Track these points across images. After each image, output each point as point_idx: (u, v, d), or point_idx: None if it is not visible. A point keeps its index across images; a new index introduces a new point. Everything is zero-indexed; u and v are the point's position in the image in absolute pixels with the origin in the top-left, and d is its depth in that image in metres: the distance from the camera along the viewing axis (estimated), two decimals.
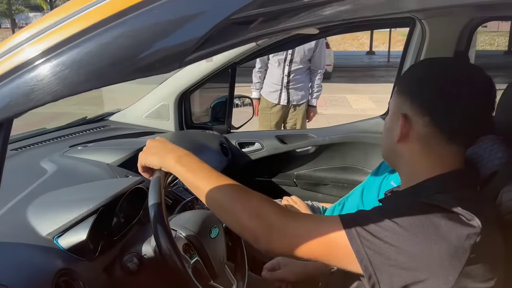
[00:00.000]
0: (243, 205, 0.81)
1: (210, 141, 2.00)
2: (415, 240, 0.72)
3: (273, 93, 3.44)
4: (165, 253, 0.89)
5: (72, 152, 1.48)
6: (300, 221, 0.79)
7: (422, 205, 0.76)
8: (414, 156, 0.86)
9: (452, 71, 0.84)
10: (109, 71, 0.58)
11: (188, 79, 2.00)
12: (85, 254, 0.98)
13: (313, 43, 3.27)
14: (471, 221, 0.73)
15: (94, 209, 1.01)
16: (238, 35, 0.57)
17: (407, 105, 0.84)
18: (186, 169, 0.87)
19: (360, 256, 0.74)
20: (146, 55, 0.56)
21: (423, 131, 0.83)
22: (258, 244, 0.79)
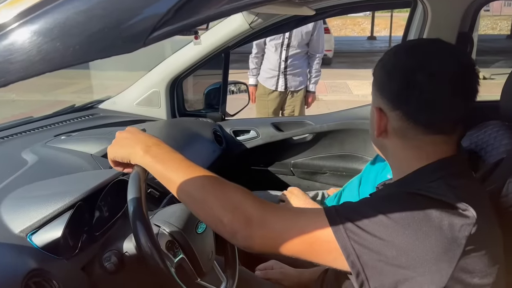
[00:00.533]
0: (217, 198, 0.74)
1: (203, 129, 1.92)
2: (405, 233, 0.66)
3: (270, 79, 3.35)
4: (145, 252, 0.83)
5: (54, 142, 1.41)
6: (281, 214, 0.73)
7: (411, 196, 0.70)
8: (396, 149, 0.80)
9: (419, 57, 0.76)
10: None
11: (179, 65, 1.92)
12: (61, 252, 0.92)
13: (310, 26, 3.17)
14: (465, 211, 0.68)
15: (71, 203, 0.94)
16: (209, 7, 0.49)
17: (380, 98, 0.79)
18: (155, 160, 0.80)
19: (347, 251, 0.68)
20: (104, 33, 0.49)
21: (397, 125, 0.77)
22: (235, 239, 0.73)
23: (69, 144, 1.38)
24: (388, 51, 0.82)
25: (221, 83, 2.16)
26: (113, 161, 0.89)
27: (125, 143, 0.86)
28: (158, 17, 0.49)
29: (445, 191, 0.70)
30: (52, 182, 1.07)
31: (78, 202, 0.95)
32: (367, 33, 21.08)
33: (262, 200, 0.75)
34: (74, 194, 0.95)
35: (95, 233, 1.03)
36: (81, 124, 1.76)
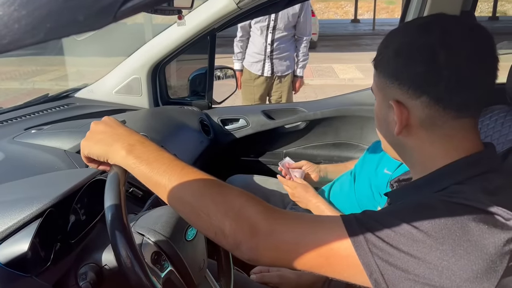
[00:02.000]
0: (217, 204, 0.64)
1: (189, 118, 1.80)
2: (440, 249, 0.56)
3: (256, 63, 3.22)
4: (126, 266, 0.71)
5: (24, 137, 1.26)
6: (291, 223, 0.63)
7: (446, 204, 0.60)
8: (422, 145, 0.69)
9: (438, 32, 0.65)
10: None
11: (162, 49, 1.77)
12: (29, 268, 0.79)
13: (297, 7, 3.04)
14: (509, 220, 0.58)
15: (40, 211, 0.81)
16: None
17: (395, 88, 0.68)
18: (140, 162, 0.69)
19: (370, 268, 0.58)
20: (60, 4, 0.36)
21: (424, 113, 0.66)
22: (239, 251, 0.63)
23: (40, 139, 1.24)
24: (393, 34, 0.71)
25: (207, 69, 2.03)
26: (86, 157, 0.77)
27: (102, 138, 0.74)
28: None
29: (483, 196, 0.60)
30: (19, 185, 0.94)
31: (48, 209, 0.82)
32: (350, 16, 21.02)
33: (269, 206, 0.64)
34: (44, 200, 0.83)
35: (70, 241, 0.91)
36: (55, 116, 1.61)
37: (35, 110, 1.64)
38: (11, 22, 0.37)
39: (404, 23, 0.75)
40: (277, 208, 0.65)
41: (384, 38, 0.72)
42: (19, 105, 1.74)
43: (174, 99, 2.04)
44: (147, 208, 1.01)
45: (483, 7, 20.79)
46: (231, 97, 2.32)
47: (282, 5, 1.74)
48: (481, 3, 21.38)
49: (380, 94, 0.72)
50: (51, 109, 1.69)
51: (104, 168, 0.80)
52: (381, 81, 0.71)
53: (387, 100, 0.70)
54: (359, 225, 0.60)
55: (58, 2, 0.36)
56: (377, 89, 0.73)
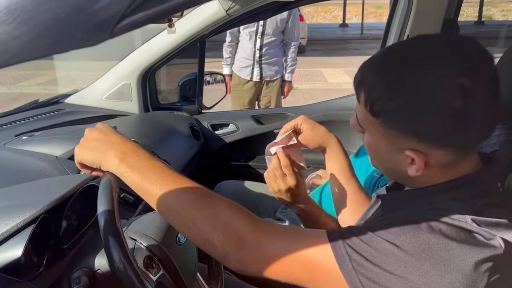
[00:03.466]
0: (205, 215, 0.65)
1: (179, 124, 1.82)
2: (421, 268, 0.57)
3: (245, 68, 3.25)
4: (119, 270, 0.73)
5: (15, 143, 1.27)
6: (278, 236, 0.64)
7: (430, 223, 0.60)
8: (432, 177, 0.67)
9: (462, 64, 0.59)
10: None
11: (152, 55, 1.79)
12: (22, 274, 0.80)
13: (285, 13, 3.08)
14: (491, 240, 0.59)
15: (33, 217, 0.82)
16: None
17: (412, 141, 0.63)
18: (132, 170, 0.70)
19: (354, 285, 0.59)
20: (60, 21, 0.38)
21: (447, 159, 0.64)
22: (227, 262, 0.65)
23: (32, 146, 1.25)
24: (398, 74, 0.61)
25: (196, 74, 2.05)
26: (80, 163, 0.78)
27: (95, 145, 0.75)
28: (129, 1, 0.39)
29: (469, 216, 0.60)
30: (11, 191, 0.95)
31: (42, 215, 0.84)
32: (339, 20, 21.14)
33: (257, 218, 0.66)
34: (37, 206, 0.84)
35: (62, 247, 0.92)
36: (46, 122, 1.62)
37: (25, 116, 1.65)
38: (11, 39, 0.39)
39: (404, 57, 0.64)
40: (264, 221, 0.66)
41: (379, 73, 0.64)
42: (9, 111, 1.74)
43: (165, 105, 2.05)
44: (139, 213, 1.02)
45: (469, 12, 21.06)
46: (222, 102, 2.34)
47: (270, 13, 1.77)
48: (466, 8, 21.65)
49: (382, 139, 0.67)
50: (41, 115, 1.69)
51: (97, 174, 0.81)
52: (387, 132, 0.65)
53: (398, 147, 0.66)
54: (344, 242, 0.61)
55: (57, 19, 0.38)
56: (376, 132, 0.67)
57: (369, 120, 0.67)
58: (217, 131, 2.04)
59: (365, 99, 0.65)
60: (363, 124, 0.70)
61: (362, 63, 0.68)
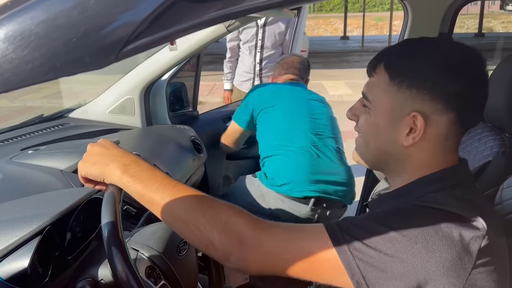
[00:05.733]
0: (206, 217, 0.68)
1: (180, 137, 1.85)
2: (413, 248, 0.61)
3: (245, 82, 3.31)
4: (122, 280, 0.75)
5: (21, 157, 1.30)
6: (277, 233, 0.68)
7: (418, 208, 0.66)
8: (424, 155, 0.73)
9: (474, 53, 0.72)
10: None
11: (153, 70, 1.83)
12: (29, 284, 0.83)
13: (283, 26, 3.17)
14: (474, 222, 0.64)
15: (39, 228, 0.85)
16: (191, 17, 0.42)
17: (426, 101, 0.70)
18: (134, 180, 0.73)
19: (351, 270, 0.63)
20: (69, 47, 0.42)
21: (445, 129, 0.71)
22: (228, 262, 0.68)
23: (37, 159, 1.29)
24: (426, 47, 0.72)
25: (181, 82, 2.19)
26: (84, 177, 0.81)
27: (98, 159, 0.78)
28: (132, 28, 0.42)
29: (453, 202, 0.66)
30: (18, 204, 0.98)
31: (47, 226, 0.87)
32: (340, 32, 21.29)
33: (256, 218, 0.69)
34: (43, 218, 0.87)
35: (67, 257, 0.95)
36: (51, 136, 1.65)
37: (30, 131, 1.68)
38: (23, 63, 0.43)
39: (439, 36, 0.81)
40: (263, 220, 0.70)
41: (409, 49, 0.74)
42: (15, 125, 1.78)
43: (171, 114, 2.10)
44: (141, 225, 1.05)
45: (469, 24, 21.20)
46: None
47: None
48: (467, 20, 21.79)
49: (390, 103, 0.73)
50: (46, 129, 1.73)
51: (100, 188, 0.84)
52: (402, 91, 0.71)
53: (404, 110, 0.71)
54: (340, 231, 0.65)
55: (66, 45, 0.42)
56: (386, 98, 0.74)
57: (381, 88, 0.74)
58: (227, 123, 2.19)
59: (384, 65, 0.74)
60: (381, 105, 0.75)
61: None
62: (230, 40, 3.23)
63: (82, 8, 0.42)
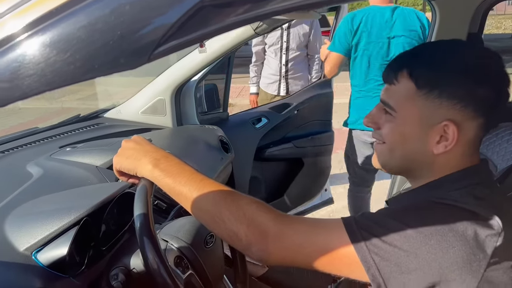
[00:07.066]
0: (231, 211, 0.72)
1: (209, 137, 1.90)
2: (428, 244, 0.63)
3: (272, 84, 3.36)
4: (152, 268, 0.80)
5: (60, 154, 1.38)
6: (297, 227, 0.71)
7: (435, 205, 0.67)
8: (450, 160, 0.74)
9: (496, 55, 0.73)
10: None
11: (184, 72, 1.89)
12: (67, 270, 0.89)
13: (307, 27, 3.21)
14: (489, 220, 0.65)
15: (77, 219, 0.91)
16: (218, 20, 0.46)
17: (457, 109, 0.70)
18: (164, 174, 0.77)
19: (367, 264, 0.65)
20: (106, 49, 0.46)
21: (474, 134, 0.72)
22: (250, 252, 0.71)
23: (74, 156, 1.36)
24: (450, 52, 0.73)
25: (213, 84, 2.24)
26: (118, 171, 0.87)
27: (131, 154, 0.83)
28: (163, 31, 0.46)
29: (469, 200, 0.67)
30: (58, 196, 1.05)
31: (84, 217, 0.93)
32: None
33: (278, 212, 0.72)
34: (80, 209, 0.93)
35: (101, 248, 1.01)
36: (87, 134, 1.74)
37: (68, 130, 1.77)
38: (66, 65, 0.48)
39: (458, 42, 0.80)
40: (284, 214, 0.73)
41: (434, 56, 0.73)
42: (53, 125, 1.88)
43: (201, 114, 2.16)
44: (171, 218, 1.10)
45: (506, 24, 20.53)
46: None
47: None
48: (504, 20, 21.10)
49: (417, 112, 0.72)
50: (82, 128, 1.81)
51: (133, 181, 0.89)
52: (431, 100, 0.71)
53: (435, 119, 0.71)
54: (358, 226, 0.67)
55: (104, 47, 0.47)
56: (413, 107, 0.73)
57: (407, 97, 0.73)
58: (256, 125, 2.28)
59: (409, 73, 0.72)
60: (396, 106, 0.75)
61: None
62: (256, 44, 3.29)
63: (119, 13, 0.46)
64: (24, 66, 0.45)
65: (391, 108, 0.76)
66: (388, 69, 0.77)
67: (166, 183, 0.78)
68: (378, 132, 0.79)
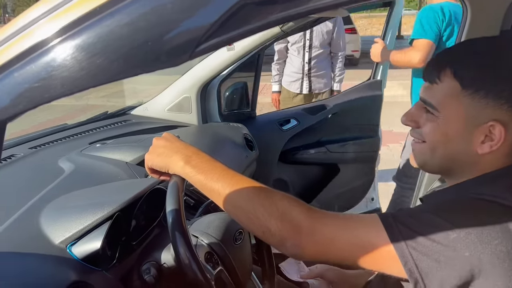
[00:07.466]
0: (264, 206, 0.72)
1: (234, 134, 1.91)
2: (468, 238, 0.62)
3: (294, 82, 3.34)
4: (184, 263, 0.81)
5: (90, 150, 1.41)
6: (331, 222, 0.70)
7: (474, 201, 0.67)
8: (494, 160, 0.73)
9: None
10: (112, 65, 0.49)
11: (210, 70, 1.90)
12: (100, 264, 0.91)
13: (330, 25, 3.18)
14: None
15: (110, 214, 0.93)
16: (258, 18, 0.47)
17: (504, 109, 0.69)
18: (196, 171, 0.78)
19: (404, 258, 0.64)
20: (148, 46, 0.47)
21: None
22: (284, 248, 0.71)
23: (104, 152, 1.39)
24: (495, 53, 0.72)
25: (244, 83, 2.22)
26: (150, 168, 0.88)
27: (163, 151, 0.84)
28: (204, 29, 0.47)
29: (509, 196, 0.66)
30: (90, 191, 1.07)
31: (117, 212, 0.94)
32: None
33: (310, 207, 0.72)
34: (113, 204, 0.95)
35: (132, 243, 1.03)
36: (115, 131, 1.77)
37: (96, 126, 1.81)
38: (109, 63, 0.48)
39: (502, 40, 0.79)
40: (318, 209, 0.72)
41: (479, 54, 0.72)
42: (82, 121, 1.92)
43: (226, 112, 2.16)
44: (199, 215, 1.12)
45: None
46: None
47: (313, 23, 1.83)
48: None
49: (462, 112, 0.71)
50: (110, 125, 1.85)
51: (164, 178, 0.90)
52: (476, 100, 0.70)
53: (480, 119, 0.70)
54: (395, 221, 0.66)
55: (146, 45, 0.48)
56: (457, 106, 0.72)
57: (451, 97, 0.72)
58: (283, 127, 2.22)
59: (453, 73, 0.71)
60: (438, 106, 0.73)
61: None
62: (278, 42, 3.27)
63: (160, 12, 0.47)
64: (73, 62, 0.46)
65: (433, 108, 0.74)
66: (429, 67, 0.76)
67: (198, 179, 0.78)
68: (418, 131, 0.78)
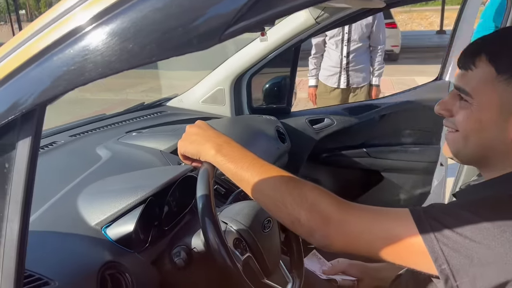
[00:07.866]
0: (293, 196, 0.72)
1: (266, 126, 1.92)
2: (502, 236, 0.60)
3: (331, 76, 3.28)
4: (213, 248, 0.83)
5: (126, 138, 1.46)
6: (361, 214, 0.70)
7: (509, 197, 0.64)
8: None
9: None
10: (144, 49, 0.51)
11: (244, 62, 1.92)
12: (133, 246, 0.95)
13: (370, 18, 3.08)
14: None
15: (143, 198, 0.96)
16: (285, 1, 0.47)
17: None
18: (227, 159, 0.79)
19: (435, 254, 0.63)
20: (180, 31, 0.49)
21: None
22: (313, 238, 0.71)
23: (140, 141, 1.43)
24: None
25: (282, 77, 2.17)
26: (182, 155, 0.89)
27: (195, 139, 0.86)
28: (234, 13, 0.48)
29: None
30: (125, 177, 1.11)
31: (150, 197, 0.97)
32: (435, 26, 20.05)
33: (340, 198, 0.72)
34: (146, 189, 0.98)
35: (164, 228, 1.06)
36: (150, 121, 1.82)
37: (133, 116, 1.86)
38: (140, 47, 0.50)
39: None
40: (347, 201, 0.72)
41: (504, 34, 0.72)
42: (120, 112, 1.98)
43: (256, 107, 2.16)
44: (229, 202, 1.13)
45: None
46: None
47: (358, 18, 1.80)
48: None
49: (497, 99, 0.69)
50: (146, 115, 1.90)
51: (196, 165, 0.92)
52: (511, 88, 0.68)
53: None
54: (426, 216, 0.65)
55: (178, 29, 0.49)
56: (492, 93, 0.70)
57: (486, 82, 0.69)
58: (315, 125, 2.15)
59: (488, 58, 0.69)
60: (472, 92, 0.71)
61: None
62: (315, 36, 3.23)
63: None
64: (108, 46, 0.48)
65: (467, 94, 0.72)
66: (464, 54, 0.74)
67: (229, 168, 0.79)
68: (451, 120, 0.76)
